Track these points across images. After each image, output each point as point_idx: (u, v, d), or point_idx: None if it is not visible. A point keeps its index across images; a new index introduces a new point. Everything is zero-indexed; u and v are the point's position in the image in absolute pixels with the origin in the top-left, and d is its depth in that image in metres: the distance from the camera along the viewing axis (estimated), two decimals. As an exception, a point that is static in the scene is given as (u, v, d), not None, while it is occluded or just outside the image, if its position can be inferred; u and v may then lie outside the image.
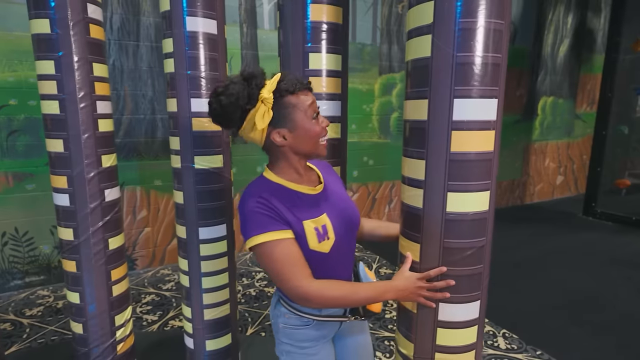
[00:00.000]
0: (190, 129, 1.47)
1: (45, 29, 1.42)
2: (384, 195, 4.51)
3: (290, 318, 1.06)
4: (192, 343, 1.68)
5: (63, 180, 1.53)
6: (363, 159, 4.26)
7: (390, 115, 4.37)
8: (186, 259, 1.60)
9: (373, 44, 4.10)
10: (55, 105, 1.47)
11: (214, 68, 1.48)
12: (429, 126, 0.93)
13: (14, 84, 2.69)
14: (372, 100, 4.21)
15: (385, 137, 4.36)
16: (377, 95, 4.23)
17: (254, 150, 3.58)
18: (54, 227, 2.96)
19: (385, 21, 4.12)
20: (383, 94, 4.26)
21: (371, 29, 4.06)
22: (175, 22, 1.42)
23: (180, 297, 2.86)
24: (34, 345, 2.27)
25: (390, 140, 4.43)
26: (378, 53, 4.15)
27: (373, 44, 4.10)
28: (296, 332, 1.06)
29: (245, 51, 3.44)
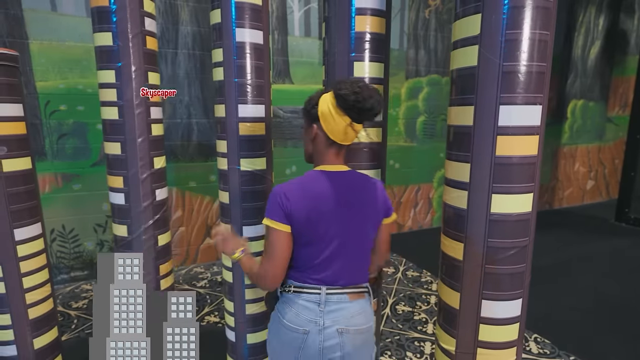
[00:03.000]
0: (237, 133, 1.57)
1: (108, 42, 1.55)
2: (410, 199, 4.53)
3: None
4: (233, 336, 1.77)
5: (119, 181, 1.66)
6: (389, 162, 4.29)
7: (416, 119, 4.39)
8: (230, 255, 1.68)
9: (400, 49, 4.14)
10: (114, 111, 1.60)
11: (259, 76, 1.58)
12: (475, 131, 0.98)
13: (64, 90, 2.88)
14: (398, 104, 4.25)
15: (411, 141, 4.39)
16: (403, 99, 4.27)
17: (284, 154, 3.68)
18: (97, 225, 3.14)
19: (413, 26, 4.16)
20: (409, 98, 4.30)
21: (398, 33, 4.11)
22: (225, 34, 1.51)
23: (214, 294, 2.97)
24: (82, 335, 2.41)
25: (417, 144, 4.45)
26: (405, 57, 4.19)
27: (400, 49, 4.14)
28: None
29: (277, 57, 3.55)
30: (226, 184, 1.64)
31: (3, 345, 1.65)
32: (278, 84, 3.58)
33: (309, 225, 1.02)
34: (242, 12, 1.51)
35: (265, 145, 1.65)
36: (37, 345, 1.70)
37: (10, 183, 1.56)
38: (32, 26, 2.74)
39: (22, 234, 1.62)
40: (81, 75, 2.92)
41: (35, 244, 1.68)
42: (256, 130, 1.60)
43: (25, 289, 1.65)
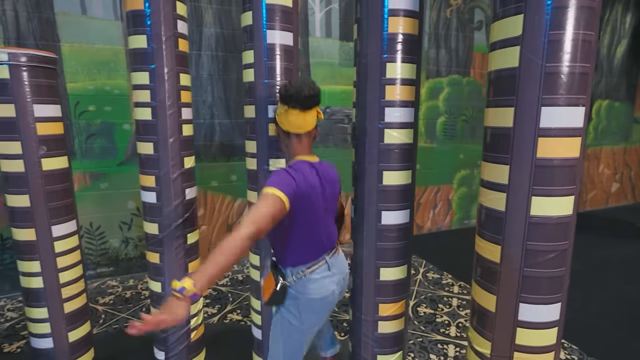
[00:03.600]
0: (266, 133, 1.59)
1: (142, 44, 1.58)
2: (429, 200, 4.49)
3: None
4: (260, 334, 1.79)
5: (151, 180, 1.69)
6: (408, 163, 4.27)
7: (436, 119, 4.36)
8: (258, 254, 1.71)
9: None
10: (147, 112, 1.63)
11: (288, 77, 1.59)
12: (515, 133, 0.97)
13: (92, 91, 2.96)
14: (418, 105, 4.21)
15: (431, 142, 4.36)
16: (424, 99, 4.23)
17: (303, 154, 3.69)
18: (123, 222, 3.21)
19: (434, 26, 4.13)
20: (430, 98, 4.26)
21: (419, 34, 4.07)
22: (256, 36, 1.54)
23: (235, 292, 3.01)
24: (110, 330, 2.48)
25: (437, 145, 4.41)
26: (425, 57, 4.15)
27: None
28: None
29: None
30: (255, 184, 1.66)
31: (40, 338, 1.71)
32: (299, 85, 3.60)
33: (308, 205, 1.21)
34: (273, 14, 1.52)
35: (294, 146, 1.66)
36: (71, 338, 1.76)
37: (48, 181, 1.62)
38: (64, 29, 2.83)
39: (59, 230, 1.68)
40: (109, 76, 2.99)
41: (71, 241, 1.74)
42: (285, 130, 1.62)
43: (62, 284, 1.70)
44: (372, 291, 1.46)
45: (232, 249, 1.03)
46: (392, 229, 1.41)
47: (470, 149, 4.65)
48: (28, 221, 1.60)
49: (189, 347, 1.88)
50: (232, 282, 3.18)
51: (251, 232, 1.06)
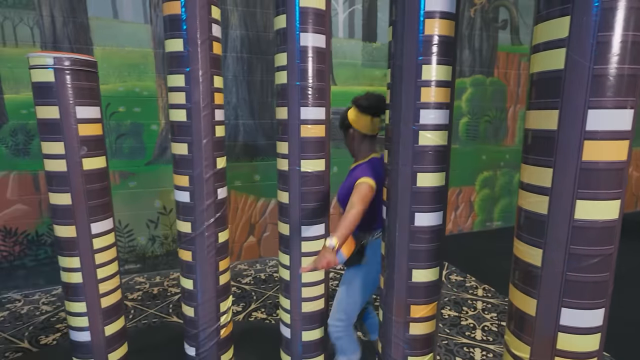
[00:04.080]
0: (298, 134, 1.61)
1: (178, 48, 1.63)
2: (451, 202, 4.44)
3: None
4: (289, 333, 1.81)
5: (185, 180, 1.74)
6: (430, 164, 4.23)
7: (459, 120, 4.31)
8: (288, 254, 1.73)
9: (443, 49, 4.07)
10: (182, 114, 1.68)
11: (321, 79, 1.61)
12: (559, 136, 0.96)
13: (122, 93, 3.05)
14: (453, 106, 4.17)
15: (453, 143, 4.29)
16: (446, 100, 4.19)
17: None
18: (150, 221, 3.30)
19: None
20: (452, 99, 4.22)
21: (442, 33, 4.04)
22: (289, 38, 1.56)
23: (259, 290, 3.05)
24: (140, 325, 2.55)
25: (459, 146, 4.37)
26: (448, 58, 4.11)
27: (443, 49, 4.07)
28: None
29: (320, 59, 3.58)
30: (286, 185, 1.68)
31: (78, 331, 1.78)
32: (321, 86, 3.62)
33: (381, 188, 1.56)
34: (306, 16, 1.54)
35: (325, 147, 1.68)
36: (107, 332, 1.82)
37: (88, 180, 1.68)
38: (96, 33, 2.92)
39: (97, 228, 1.74)
40: (138, 78, 3.08)
41: (108, 238, 1.80)
42: (317, 132, 1.64)
43: (99, 280, 1.76)
44: (403, 292, 1.46)
45: (354, 222, 1.50)
46: (425, 230, 1.40)
47: (493, 150, 4.58)
48: (69, 218, 1.67)
49: (219, 344, 1.92)
50: (255, 281, 3.22)
51: (363, 209, 1.52)
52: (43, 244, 3.03)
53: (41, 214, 2.99)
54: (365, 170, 1.63)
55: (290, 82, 1.59)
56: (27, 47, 2.77)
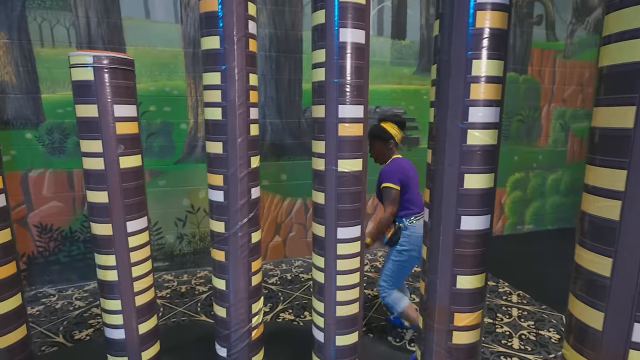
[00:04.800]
0: (336, 133, 1.56)
1: (215, 45, 1.61)
2: (480, 203, 4.30)
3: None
4: (322, 337, 1.76)
5: (219, 179, 1.72)
6: (459, 165, 4.11)
7: (490, 119, 4.17)
8: (323, 256, 1.69)
9: (475, 46, 3.94)
10: (218, 112, 1.66)
11: (359, 76, 1.56)
12: (635, 134, 0.88)
13: (153, 92, 3.08)
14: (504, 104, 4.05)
15: (483, 143, 4.17)
16: (477, 98, 4.06)
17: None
18: (178, 219, 3.32)
19: (489, 21, 3.94)
20: (483, 98, 4.08)
21: (474, 30, 3.91)
22: (328, 34, 1.51)
23: (285, 291, 3.02)
24: (169, 323, 2.56)
25: (489, 146, 4.22)
26: (480, 55, 3.98)
27: (475, 46, 3.94)
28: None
29: (348, 57, 3.53)
30: (322, 185, 1.64)
31: (113, 329, 1.79)
32: (349, 84, 3.56)
33: (408, 181, 2.20)
34: (346, 11, 1.49)
35: (362, 147, 1.63)
36: (141, 330, 1.82)
37: (125, 178, 1.68)
38: (129, 33, 2.96)
39: (132, 226, 1.74)
40: (169, 78, 3.10)
41: (143, 236, 1.80)
42: (354, 131, 1.58)
43: (134, 278, 1.77)
44: (447, 299, 1.39)
45: (387, 223, 2.21)
46: (471, 234, 1.33)
47: (526, 150, 4.41)
48: (105, 216, 1.67)
49: (250, 346, 1.89)
50: (282, 282, 3.20)
51: (392, 210, 2.18)
52: (76, 240, 3.09)
53: (75, 211, 3.05)
54: (387, 174, 2.20)
55: (328, 79, 1.54)
56: (63, 48, 2.83)
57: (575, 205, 4.76)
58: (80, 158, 1.51)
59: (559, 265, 3.48)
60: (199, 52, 3.14)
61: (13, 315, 1.60)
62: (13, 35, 2.73)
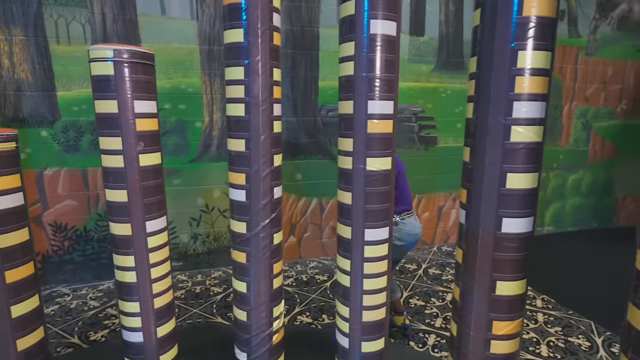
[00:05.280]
0: (365, 130, 1.49)
1: (238, 38, 1.55)
2: (498, 204, 4.19)
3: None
4: (347, 342, 1.69)
5: (242, 177, 1.66)
6: (477, 165, 4.01)
7: (509, 118, 4.05)
8: (349, 259, 1.61)
9: (495, 43, 3.83)
10: (241, 108, 1.59)
11: (390, 70, 1.48)
12: None
13: (168, 90, 3.03)
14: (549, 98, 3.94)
15: (503, 142, 4.06)
16: (496, 96, 3.95)
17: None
18: (192, 218, 3.28)
19: (510, 17, 3.83)
20: (503, 96, 3.97)
21: (494, 26, 3.81)
22: (358, 26, 1.44)
23: (302, 293, 2.95)
24: (184, 325, 2.51)
25: (509, 145, 4.10)
26: (500, 52, 3.87)
27: (495, 43, 3.83)
28: None
29: (365, 54, 3.45)
30: (349, 184, 1.56)
31: (130, 332, 1.74)
32: (366, 82, 3.48)
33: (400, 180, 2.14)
34: (376, 2, 1.42)
35: (392, 144, 1.55)
36: (159, 333, 1.77)
37: (144, 177, 1.63)
38: (144, 30, 2.92)
39: (152, 226, 1.68)
40: (184, 75, 3.06)
41: (162, 237, 1.74)
42: (383, 128, 1.51)
43: (153, 279, 1.71)
44: (485, 306, 1.31)
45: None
46: (513, 238, 1.25)
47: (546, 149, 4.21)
48: (124, 216, 1.62)
49: (271, 350, 1.83)
50: (297, 283, 3.14)
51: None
52: (90, 239, 3.06)
53: (89, 210, 3.02)
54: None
55: (357, 74, 1.47)
56: (79, 45, 2.80)
57: (596, 206, 4.62)
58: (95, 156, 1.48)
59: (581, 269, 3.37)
60: (215, 49, 3.09)
61: (31, 317, 1.56)
62: (29, 32, 2.70)
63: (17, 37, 2.68)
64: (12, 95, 2.74)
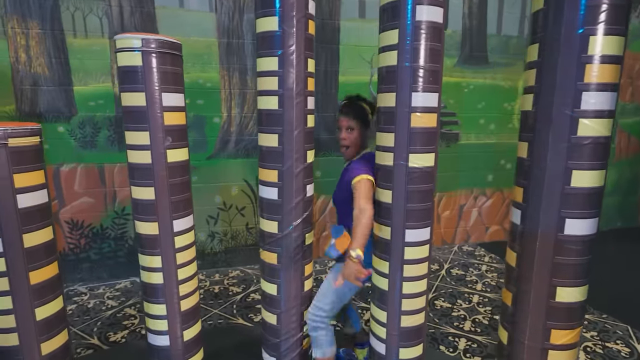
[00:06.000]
0: (408, 124, 1.39)
1: (271, 27, 1.46)
2: (521, 203, 4.07)
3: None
4: (383, 349, 1.61)
5: (273, 174, 1.57)
6: (500, 162, 3.90)
7: (533, 114, 3.93)
8: (387, 260, 1.53)
9: (520, 36, 3.71)
10: (274, 101, 1.51)
11: (435, 60, 1.38)
12: None
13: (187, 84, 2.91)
14: (514, 98, 3.83)
15: (526, 139, 3.93)
16: (520, 92, 3.83)
17: (390, 150, 3.48)
18: (210, 217, 3.21)
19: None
20: (527, 91, 3.85)
21: (519, 19, 3.68)
22: (402, 12, 1.34)
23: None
24: (205, 325, 2.44)
25: (532, 142, 3.98)
26: (524, 46, 3.74)
27: (520, 36, 3.71)
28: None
29: (387, 48, 3.35)
30: (388, 182, 1.47)
31: (157, 335, 1.67)
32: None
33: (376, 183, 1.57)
34: (422, -14, 1.32)
35: (436, 140, 1.46)
36: (186, 337, 1.69)
37: (171, 174, 1.55)
38: (162, 22, 2.84)
39: (179, 225, 1.61)
40: (202, 69, 2.98)
41: (189, 236, 1.67)
42: (427, 122, 1.41)
43: (179, 281, 1.64)
44: (542, 314, 1.22)
45: (370, 225, 1.44)
46: (576, 240, 1.16)
47: None
48: (152, 214, 1.54)
49: (301, 355, 1.75)
50: (317, 283, 3.05)
51: (372, 207, 1.46)
52: (107, 237, 3.00)
53: (106, 208, 2.96)
54: (360, 167, 1.56)
55: (400, 64, 1.38)
56: (95, 38, 2.73)
57: (621, 205, 4.48)
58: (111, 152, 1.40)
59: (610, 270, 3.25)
60: (234, 43, 3.01)
61: (55, 320, 1.49)
62: (46, 25, 2.63)
63: (34, 31, 2.62)
64: (28, 89, 2.68)
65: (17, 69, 2.63)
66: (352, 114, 1.65)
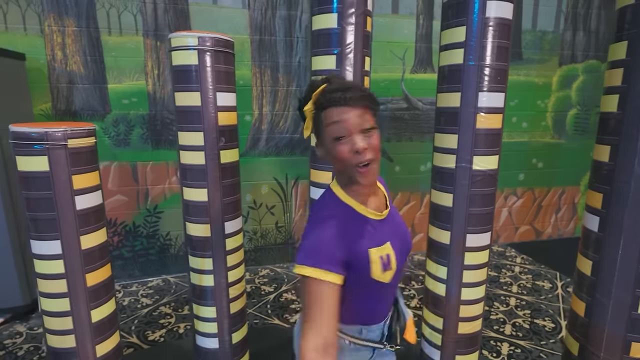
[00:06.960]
0: (473, 125, 1.34)
1: (328, 24, 1.41)
2: (552, 203, 3.98)
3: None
4: (438, 355, 1.57)
5: (327, 176, 1.53)
6: (532, 161, 3.80)
7: (567, 112, 3.82)
8: (445, 266, 1.48)
9: (555, 31, 3.60)
10: (330, 101, 1.47)
11: (502, 58, 1.33)
12: None
13: (219, 82, 2.92)
14: (547, 95, 3.72)
15: (559, 137, 3.83)
16: (554, 89, 3.72)
17: (421, 149, 3.43)
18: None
19: (572, 3, 3.59)
20: (561, 88, 3.74)
21: (554, 13, 3.57)
22: (470, 8, 1.29)
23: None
24: (242, 326, 2.42)
25: (565, 141, 3.88)
26: (560, 41, 3.64)
27: (555, 31, 3.60)
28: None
29: (420, 44, 3.28)
30: (449, 185, 1.42)
31: (206, 337, 1.65)
32: (419, 73, 3.31)
33: None
34: (492, -19, 1.26)
35: (500, 142, 1.40)
36: (234, 339, 1.68)
37: (223, 175, 1.52)
38: (195, 19, 2.81)
39: (230, 227, 1.58)
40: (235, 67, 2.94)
41: (238, 238, 1.65)
42: (493, 123, 1.36)
43: (229, 283, 1.62)
44: (622, 326, 1.16)
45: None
46: (664, 250, 1.10)
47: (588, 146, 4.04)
48: (204, 216, 1.52)
49: None
50: (350, 283, 3.02)
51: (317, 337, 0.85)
52: (139, 235, 3.01)
53: (138, 206, 2.96)
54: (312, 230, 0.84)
55: (466, 62, 1.32)
56: (130, 36, 2.72)
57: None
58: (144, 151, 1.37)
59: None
60: (266, 40, 2.97)
61: (108, 322, 1.48)
62: (82, 23, 2.63)
63: (70, 28, 2.62)
64: (64, 87, 2.68)
65: (53, 67, 2.64)
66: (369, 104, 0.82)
